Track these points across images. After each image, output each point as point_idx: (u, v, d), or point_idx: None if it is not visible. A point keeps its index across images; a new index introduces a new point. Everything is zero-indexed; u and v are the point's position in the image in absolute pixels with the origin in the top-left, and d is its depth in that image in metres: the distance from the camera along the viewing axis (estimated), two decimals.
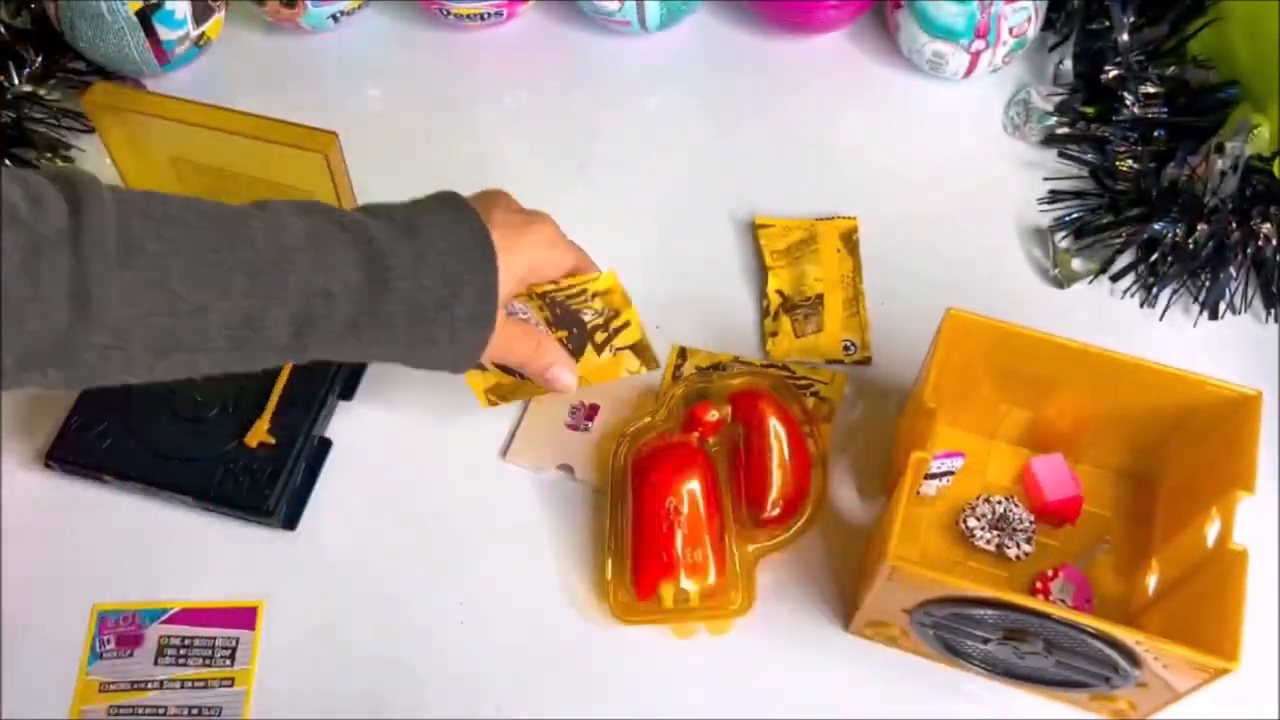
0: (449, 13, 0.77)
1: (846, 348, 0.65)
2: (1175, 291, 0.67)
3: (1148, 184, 0.69)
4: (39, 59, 0.73)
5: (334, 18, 0.77)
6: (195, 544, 0.59)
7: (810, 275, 0.67)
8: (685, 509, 0.56)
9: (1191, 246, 0.67)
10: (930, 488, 0.59)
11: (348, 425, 0.63)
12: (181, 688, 0.55)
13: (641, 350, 0.59)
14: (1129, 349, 0.54)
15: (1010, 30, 0.72)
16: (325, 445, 0.62)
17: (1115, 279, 0.68)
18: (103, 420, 0.60)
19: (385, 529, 0.60)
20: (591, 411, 0.63)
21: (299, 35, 0.79)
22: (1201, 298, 0.67)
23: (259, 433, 0.60)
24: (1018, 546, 0.58)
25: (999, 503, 0.59)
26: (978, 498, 0.59)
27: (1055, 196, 0.71)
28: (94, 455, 0.59)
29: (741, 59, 0.78)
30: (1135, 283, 0.68)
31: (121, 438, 0.60)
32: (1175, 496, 0.58)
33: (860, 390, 0.64)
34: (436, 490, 0.61)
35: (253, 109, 0.60)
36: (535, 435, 0.62)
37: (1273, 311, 0.67)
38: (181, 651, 0.56)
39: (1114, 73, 0.72)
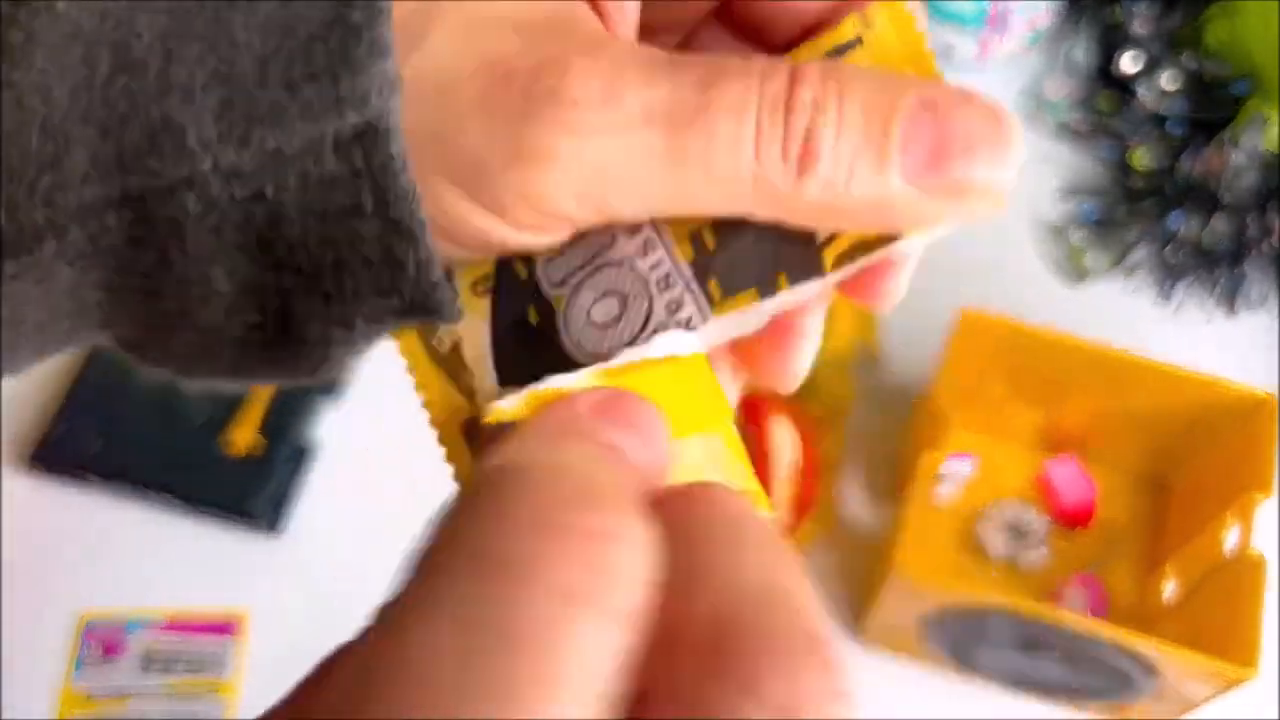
0: None
1: (856, 348, 0.64)
2: (1190, 287, 0.66)
3: (1162, 178, 0.67)
4: None
5: None
6: (180, 549, 0.58)
7: None
8: None
9: (1206, 242, 0.66)
10: (942, 491, 0.58)
11: (335, 425, 0.61)
12: (168, 697, 0.54)
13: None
14: (1143, 346, 0.54)
15: (1022, 20, 0.71)
16: (311, 446, 0.61)
17: (1129, 275, 0.67)
18: (91, 423, 0.59)
19: (373, 531, 0.59)
20: None
21: None
22: (1217, 294, 0.66)
23: (246, 434, 0.59)
24: (1031, 553, 0.56)
25: (1012, 508, 0.57)
26: (991, 502, 0.58)
27: (1068, 191, 0.70)
28: (81, 458, 0.58)
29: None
30: (1150, 279, 0.67)
31: (109, 440, 0.59)
32: (1191, 499, 0.57)
33: (870, 392, 0.62)
34: (426, 491, 0.60)
35: None
36: None
37: None
38: (167, 660, 0.55)
39: (1128, 65, 0.70)
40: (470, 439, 0.21)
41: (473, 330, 0.21)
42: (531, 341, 0.20)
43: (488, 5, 0.18)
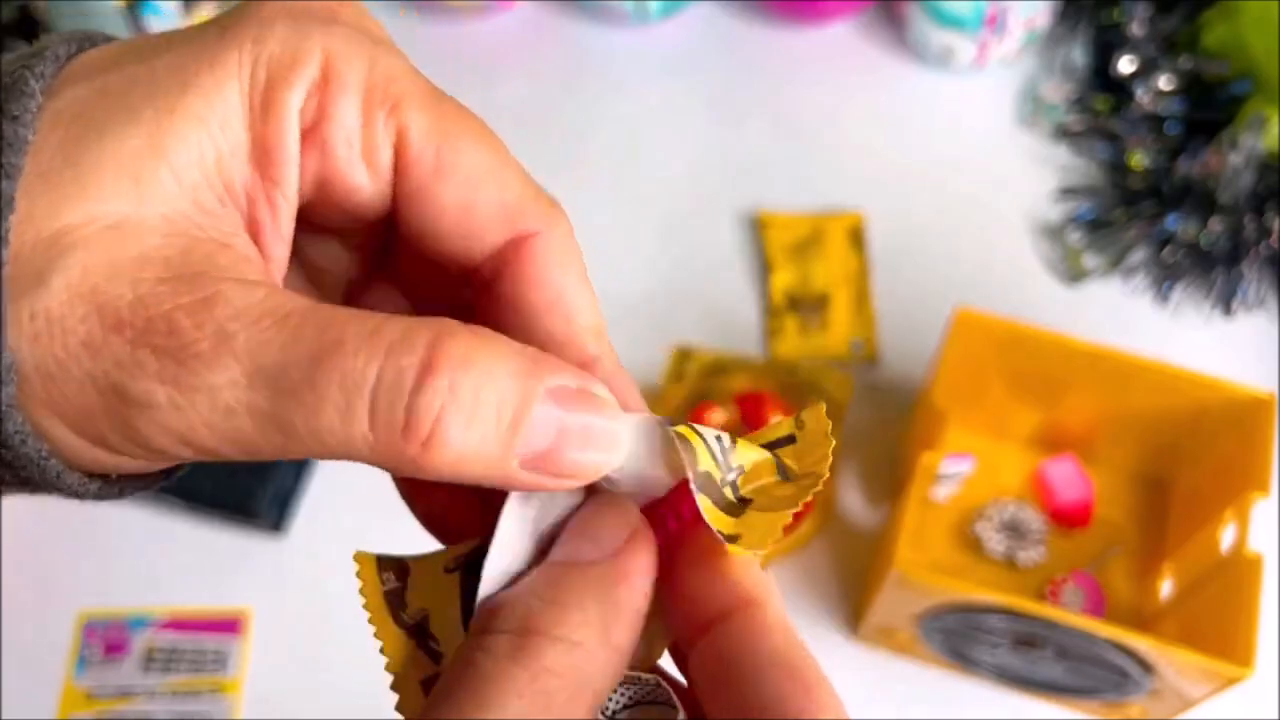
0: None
1: (854, 347, 0.64)
2: (1188, 288, 0.67)
3: (1160, 179, 0.68)
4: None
5: None
6: (182, 548, 0.58)
7: (816, 272, 0.66)
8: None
9: (1204, 243, 0.66)
10: (940, 490, 0.58)
11: None
12: (170, 696, 0.54)
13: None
14: (1141, 346, 0.54)
15: (1021, 22, 0.71)
16: None
17: (1127, 276, 0.67)
18: None
19: (376, 530, 0.59)
20: None
21: None
22: (1214, 295, 0.66)
23: None
24: (1029, 551, 0.56)
25: (1010, 507, 0.58)
26: (988, 502, 0.58)
27: (1066, 192, 0.70)
28: None
29: (746, 51, 0.77)
30: (1148, 279, 0.67)
31: None
32: (1189, 499, 0.57)
33: (868, 391, 0.63)
34: None
35: None
36: None
37: None
38: (170, 659, 0.55)
39: (1126, 66, 0.71)
40: (429, 691, 0.22)
41: (441, 604, 0.22)
42: None
43: (114, 251, 0.18)
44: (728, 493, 0.21)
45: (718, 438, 0.21)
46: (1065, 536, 0.58)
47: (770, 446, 0.22)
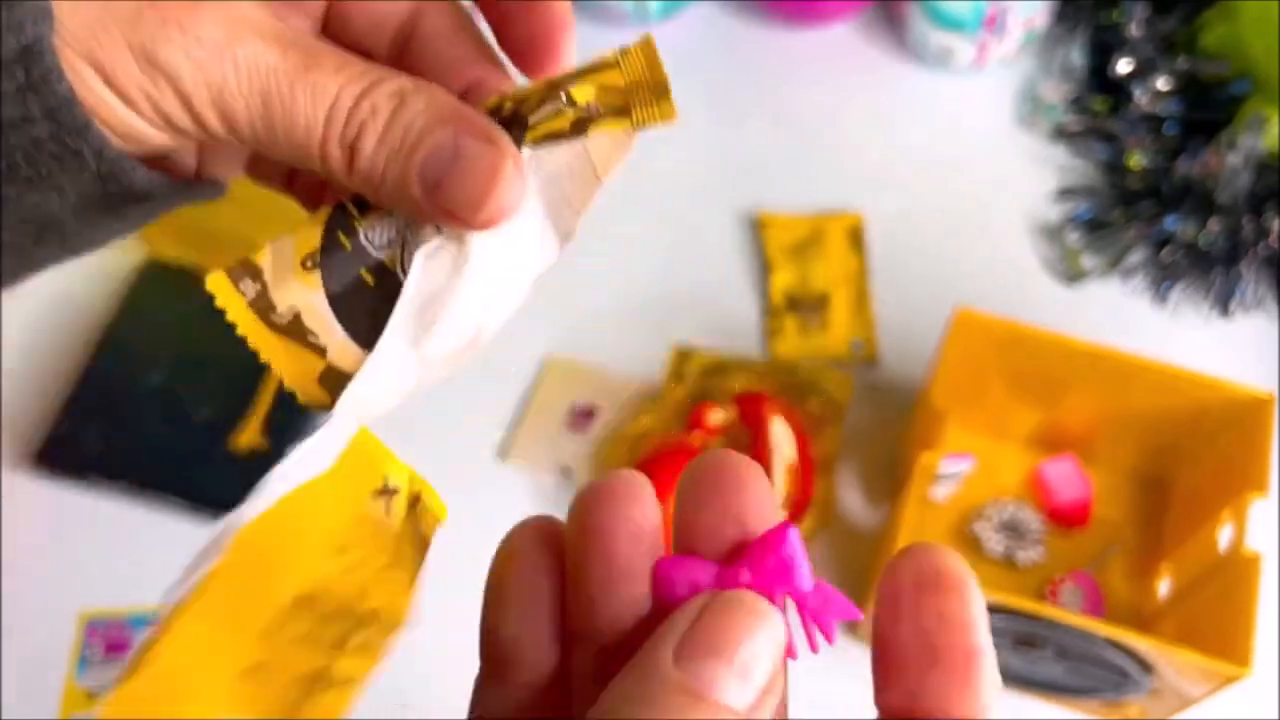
0: None
1: (853, 347, 0.64)
2: (1186, 289, 0.67)
3: (1159, 180, 0.68)
4: None
5: None
6: (182, 548, 0.58)
7: (816, 273, 0.66)
8: None
9: (1203, 243, 0.66)
10: (939, 490, 0.58)
11: None
12: None
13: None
14: (1140, 346, 0.54)
15: (1019, 22, 0.71)
16: None
17: (1126, 276, 0.67)
18: (94, 422, 0.59)
19: None
20: (592, 413, 0.62)
21: None
22: (1212, 295, 0.66)
23: (250, 433, 0.59)
24: (1028, 551, 0.57)
25: (1009, 507, 0.58)
26: (987, 501, 0.58)
27: (1065, 192, 0.70)
28: (84, 458, 0.59)
29: (746, 51, 0.77)
30: (1146, 280, 0.67)
31: (113, 440, 0.59)
32: (1188, 499, 0.57)
33: (868, 391, 0.63)
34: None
35: None
36: (535, 437, 0.61)
37: None
38: None
39: (1124, 67, 0.71)
40: (327, 386, 0.25)
41: (308, 300, 0.25)
42: (371, 299, 0.24)
43: None
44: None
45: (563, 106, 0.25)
46: (1064, 536, 0.58)
47: (592, 72, 0.26)
